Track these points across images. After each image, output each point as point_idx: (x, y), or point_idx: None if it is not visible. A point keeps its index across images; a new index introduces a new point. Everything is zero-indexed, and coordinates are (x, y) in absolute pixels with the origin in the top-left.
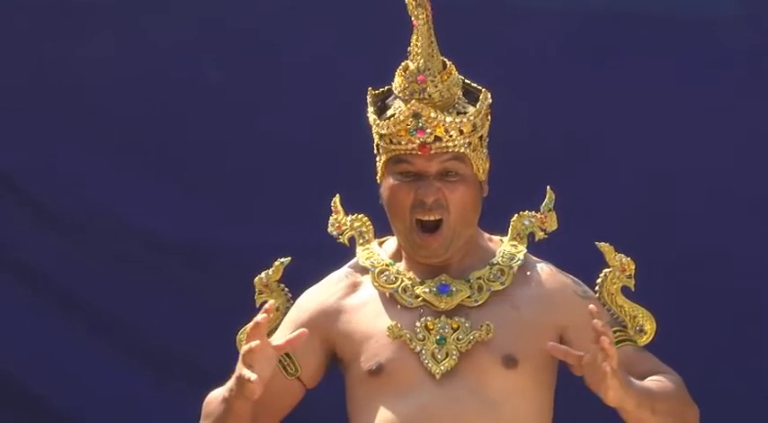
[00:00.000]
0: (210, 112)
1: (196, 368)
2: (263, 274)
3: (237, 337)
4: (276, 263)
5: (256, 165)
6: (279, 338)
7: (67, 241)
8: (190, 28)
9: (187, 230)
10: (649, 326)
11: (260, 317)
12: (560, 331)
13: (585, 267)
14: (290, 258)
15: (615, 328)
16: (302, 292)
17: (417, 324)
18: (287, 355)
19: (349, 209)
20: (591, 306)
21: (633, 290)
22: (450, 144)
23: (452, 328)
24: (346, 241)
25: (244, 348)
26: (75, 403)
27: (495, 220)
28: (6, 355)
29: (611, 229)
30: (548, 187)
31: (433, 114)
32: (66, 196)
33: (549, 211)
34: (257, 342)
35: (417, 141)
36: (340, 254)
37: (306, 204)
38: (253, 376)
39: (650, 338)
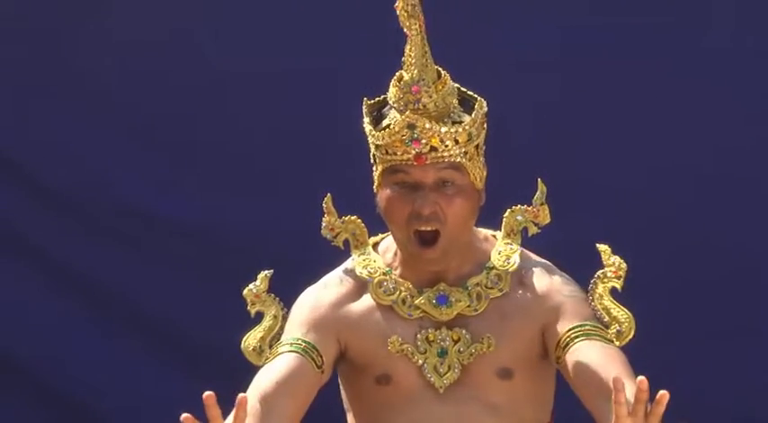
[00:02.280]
0: (210, 90)
1: (196, 344)
2: (251, 286)
3: (243, 344)
4: (261, 275)
5: (258, 144)
6: (290, 338)
7: (68, 219)
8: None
9: (187, 208)
10: (628, 330)
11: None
12: (542, 331)
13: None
14: (272, 270)
15: (593, 323)
16: (305, 270)
17: (418, 336)
18: (314, 347)
19: (345, 192)
20: (641, 378)
21: (620, 291)
22: (446, 154)
23: (453, 340)
24: (341, 244)
25: None
26: (74, 378)
27: (486, 215)
28: (7, 332)
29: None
30: (539, 179)
31: (427, 125)
32: (65, 174)
33: (542, 204)
34: None
35: (413, 152)
36: None
37: (306, 184)
38: None
39: (626, 341)
